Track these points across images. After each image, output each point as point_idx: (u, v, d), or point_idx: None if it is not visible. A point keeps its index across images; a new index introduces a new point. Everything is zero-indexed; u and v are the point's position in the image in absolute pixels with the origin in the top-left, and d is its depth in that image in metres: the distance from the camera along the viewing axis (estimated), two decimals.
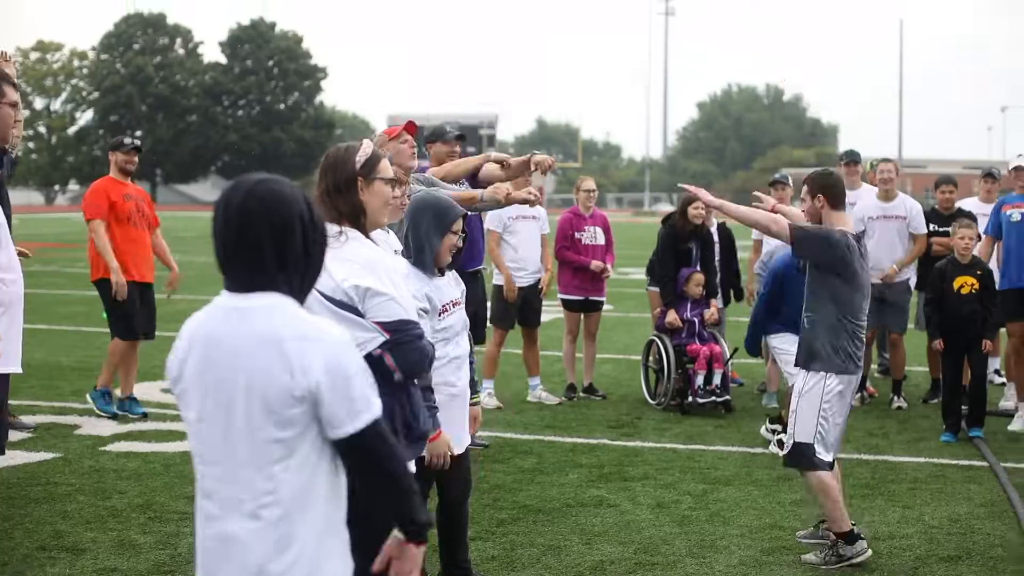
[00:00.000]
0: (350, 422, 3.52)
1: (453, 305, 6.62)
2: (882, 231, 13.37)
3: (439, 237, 6.46)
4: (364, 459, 3.59)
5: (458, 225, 6.54)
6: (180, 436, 11.20)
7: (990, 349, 11.94)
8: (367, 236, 5.35)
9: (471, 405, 7.00)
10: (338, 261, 5.07)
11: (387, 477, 3.61)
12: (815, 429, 7.84)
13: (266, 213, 3.55)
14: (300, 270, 3.61)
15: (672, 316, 13.23)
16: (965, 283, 11.71)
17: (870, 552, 7.88)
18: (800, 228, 7.88)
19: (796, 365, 8.09)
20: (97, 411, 12.09)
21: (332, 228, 5.12)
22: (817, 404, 7.83)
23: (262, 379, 3.49)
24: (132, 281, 11.92)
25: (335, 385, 3.49)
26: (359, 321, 5.13)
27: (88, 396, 12.33)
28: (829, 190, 8.03)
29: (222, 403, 3.54)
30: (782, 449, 11.22)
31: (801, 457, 7.90)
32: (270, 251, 3.55)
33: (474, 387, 7.06)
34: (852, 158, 14.28)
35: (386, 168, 5.44)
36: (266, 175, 3.66)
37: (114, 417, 12.04)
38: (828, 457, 7.93)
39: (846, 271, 7.80)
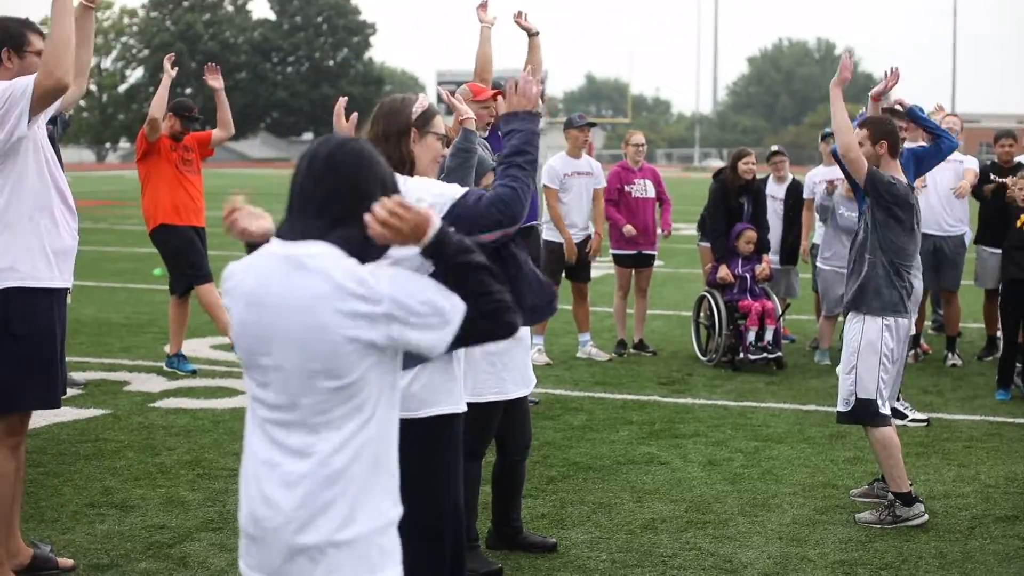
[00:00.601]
0: (443, 328, 3.45)
1: None
2: (941, 178, 13.12)
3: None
4: (464, 281, 3.50)
5: (488, 179, 6.40)
6: (229, 393, 11.21)
7: None
8: None
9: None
10: None
11: (480, 290, 3.51)
12: (877, 384, 7.75)
13: (352, 167, 3.53)
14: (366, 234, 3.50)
15: (724, 271, 13.12)
16: None
17: (927, 516, 7.76)
18: (867, 166, 7.82)
19: (849, 308, 7.96)
20: (181, 373, 12.11)
21: None
22: (877, 358, 7.75)
23: (320, 332, 3.40)
24: (191, 225, 11.96)
25: (408, 322, 3.42)
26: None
27: (164, 365, 12.34)
28: (892, 137, 8.00)
29: (279, 356, 3.47)
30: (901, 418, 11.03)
31: (864, 413, 7.81)
32: (348, 203, 3.50)
33: None
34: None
35: (440, 124, 5.36)
36: (354, 136, 3.65)
37: (193, 373, 12.11)
38: (886, 410, 7.84)
39: (909, 217, 7.75)
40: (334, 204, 3.50)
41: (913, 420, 10.59)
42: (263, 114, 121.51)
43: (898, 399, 11.28)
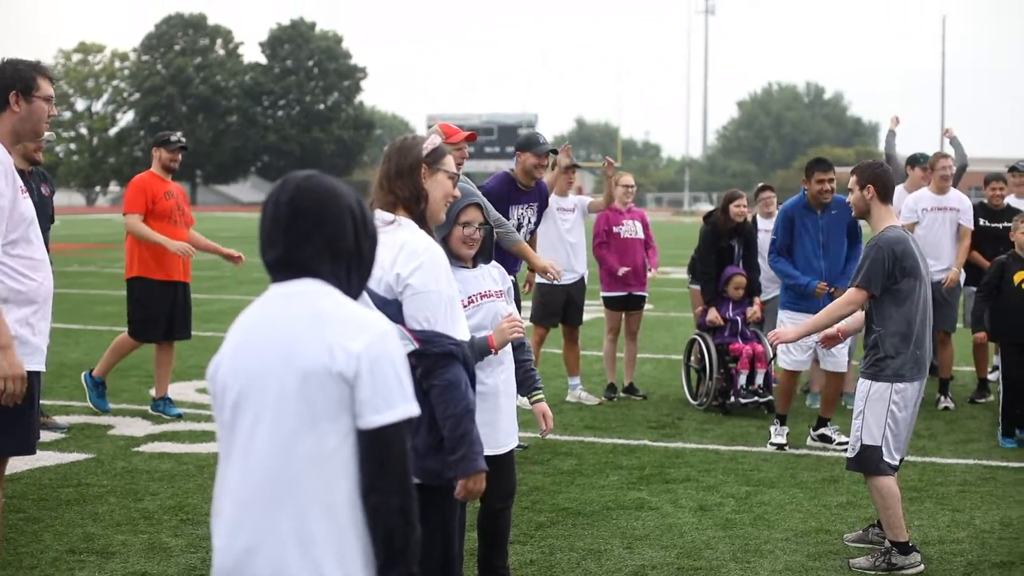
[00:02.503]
0: (385, 410, 3.35)
1: (481, 298, 6.40)
2: (935, 223, 13.25)
3: (445, 228, 6.22)
4: (383, 458, 3.37)
5: (468, 215, 6.29)
6: (215, 437, 11.07)
7: None
8: (422, 226, 5.22)
9: (535, 403, 6.81)
10: (386, 247, 4.95)
11: (398, 488, 3.39)
12: (883, 432, 7.66)
13: (316, 208, 3.46)
14: (352, 266, 3.50)
15: (713, 314, 13.04)
16: None
17: (923, 567, 7.66)
18: (859, 279, 7.75)
19: (863, 376, 7.88)
20: (166, 417, 11.98)
21: (386, 216, 5.15)
22: (884, 409, 7.66)
23: (299, 356, 3.34)
24: (168, 281, 11.80)
25: (375, 367, 3.34)
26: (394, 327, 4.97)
27: (82, 377, 12.23)
28: (879, 180, 7.93)
29: (255, 385, 3.39)
30: (829, 442, 11.08)
31: (868, 462, 7.72)
32: (320, 247, 3.44)
33: (533, 384, 6.84)
34: (927, 160, 13.99)
35: (450, 163, 5.44)
36: (314, 171, 3.57)
37: (179, 417, 11.98)
38: (895, 460, 7.75)
39: (912, 287, 7.68)
40: (307, 244, 3.44)
41: (839, 444, 10.79)
42: (253, 158, 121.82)
43: (826, 424, 11.24)
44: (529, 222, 10.27)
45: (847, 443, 10.33)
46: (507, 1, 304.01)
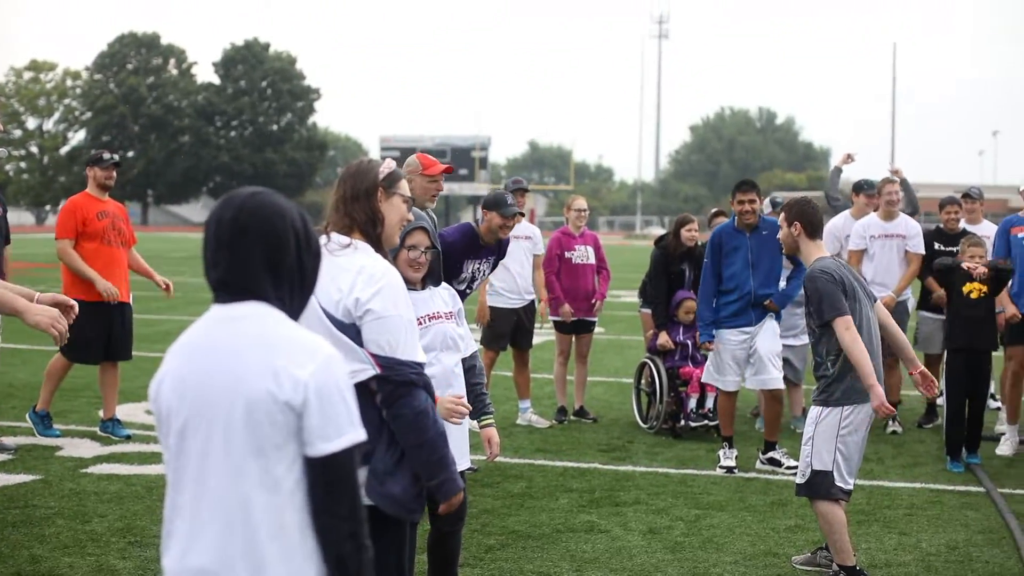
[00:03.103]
0: (334, 438, 3.33)
1: (430, 319, 6.41)
2: (883, 249, 13.34)
3: (392, 250, 6.23)
4: (334, 485, 3.38)
5: (414, 239, 6.31)
6: (163, 458, 11.01)
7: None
8: (378, 249, 5.22)
9: (483, 427, 6.82)
10: (343, 271, 4.99)
11: (349, 514, 3.40)
12: (833, 456, 7.68)
13: (259, 226, 3.41)
14: (294, 285, 3.47)
15: (664, 338, 13.09)
16: (974, 288, 11.57)
17: None
18: (827, 313, 7.69)
19: (815, 403, 7.90)
20: (37, 435, 11.90)
21: (342, 239, 5.12)
22: (834, 433, 7.69)
23: (245, 383, 3.31)
24: (103, 302, 11.71)
25: (322, 395, 3.32)
26: (354, 349, 4.97)
27: (27, 417, 12.15)
28: (804, 217, 7.99)
29: (201, 412, 3.36)
30: (778, 466, 11.14)
31: (819, 487, 7.73)
32: (263, 266, 3.41)
33: (483, 408, 6.85)
34: (872, 188, 14.10)
35: (405, 187, 5.46)
36: (258, 188, 3.53)
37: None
38: (848, 485, 7.78)
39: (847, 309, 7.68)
40: (250, 264, 3.41)
41: (788, 468, 10.86)
42: (206, 178, 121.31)
43: (774, 447, 11.30)
44: (482, 274, 10.23)
45: (796, 467, 10.44)
46: (461, 23, 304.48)
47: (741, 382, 11.53)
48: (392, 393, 5.01)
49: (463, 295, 8.77)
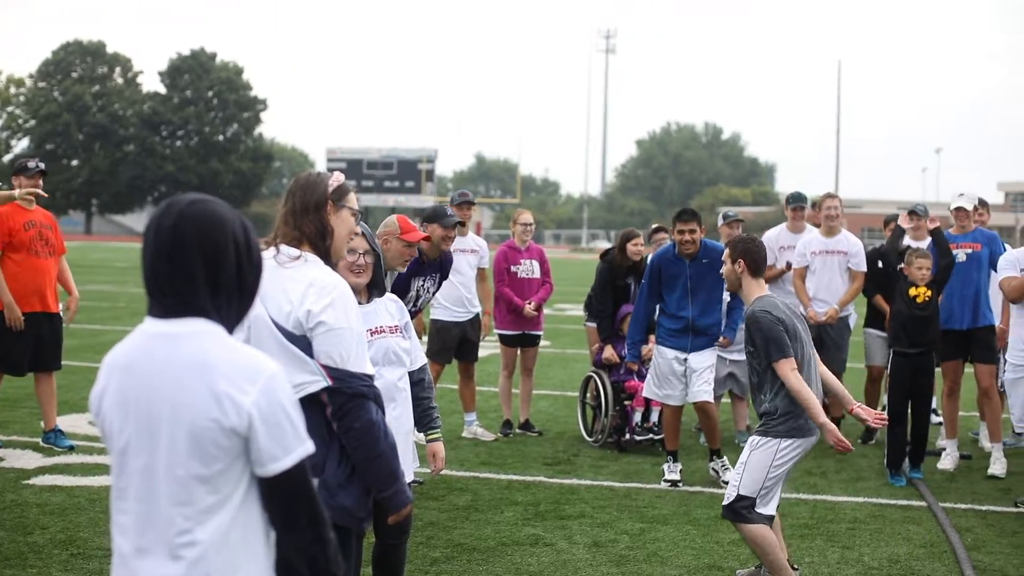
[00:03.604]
0: (283, 457, 3.33)
1: (373, 334, 6.40)
2: (824, 266, 13.43)
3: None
4: (290, 498, 3.39)
5: (352, 243, 6.30)
6: (107, 470, 10.95)
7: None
8: (327, 262, 5.21)
9: (430, 441, 6.82)
10: (294, 282, 4.97)
11: (310, 521, 3.42)
12: (761, 485, 7.71)
13: (199, 235, 3.36)
14: (232, 296, 3.42)
15: (609, 351, 13.13)
16: (919, 293, 11.68)
17: None
18: (773, 353, 7.70)
19: (756, 431, 7.92)
20: (58, 449, 11.85)
21: (292, 251, 5.11)
22: (769, 462, 7.70)
23: (188, 408, 3.29)
24: (33, 312, 11.62)
25: (268, 418, 3.31)
26: (305, 360, 4.96)
27: (41, 441, 12.07)
28: (750, 256, 7.96)
29: (144, 434, 3.34)
30: (724, 476, 11.19)
31: (741, 511, 7.75)
32: (201, 276, 3.35)
33: (430, 421, 6.85)
34: (799, 201, 14.22)
35: (354, 200, 5.43)
36: (199, 195, 3.48)
37: (71, 449, 11.86)
38: (767, 511, 7.79)
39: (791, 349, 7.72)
40: (190, 281, 3.36)
41: (724, 482, 10.87)
42: (151, 187, 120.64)
43: (719, 454, 11.36)
44: (428, 292, 10.19)
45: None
46: (408, 35, 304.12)
47: (685, 395, 11.55)
48: (343, 406, 5.01)
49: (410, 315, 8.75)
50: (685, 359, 11.35)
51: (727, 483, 10.77)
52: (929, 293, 11.71)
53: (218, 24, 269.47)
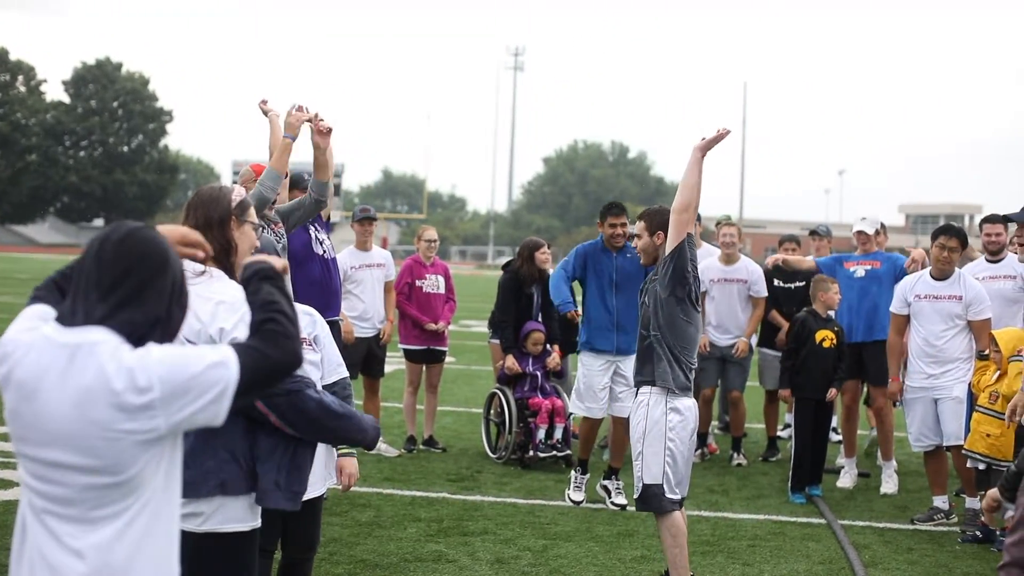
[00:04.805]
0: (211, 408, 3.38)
1: None
2: (723, 294, 13.55)
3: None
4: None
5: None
6: (3, 484, 10.80)
7: (834, 397, 12.03)
8: (232, 277, 5.18)
9: (340, 456, 6.80)
10: (202, 300, 4.92)
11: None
12: (662, 468, 7.75)
13: (141, 255, 3.40)
14: (156, 331, 3.43)
15: (511, 360, 13.15)
16: (826, 337, 11.82)
17: None
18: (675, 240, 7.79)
19: (637, 385, 7.98)
20: None
21: (196, 266, 4.97)
22: (662, 442, 7.75)
23: (94, 423, 3.27)
24: None
25: (175, 385, 3.30)
26: None
27: None
28: (668, 228, 7.95)
29: (56, 443, 3.31)
30: (607, 495, 11.24)
31: (651, 499, 7.80)
32: (133, 308, 3.38)
33: None
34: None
35: (254, 215, 5.42)
36: (142, 227, 3.49)
37: None
38: (677, 496, 7.84)
39: (691, 302, 7.83)
40: (119, 288, 3.37)
41: (614, 503, 11.04)
42: (53, 198, 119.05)
43: (615, 475, 11.41)
44: (327, 240, 10.35)
45: (622, 504, 10.65)
46: (314, 49, 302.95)
47: (607, 408, 11.55)
48: (286, 403, 5.04)
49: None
50: (613, 367, 11.37)
51: (616, 504, 10.89)
52: (835, 339, 11.85)
53: (124, 34, 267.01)
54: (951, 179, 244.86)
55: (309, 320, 6.51)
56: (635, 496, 7.98)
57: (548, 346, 13.40)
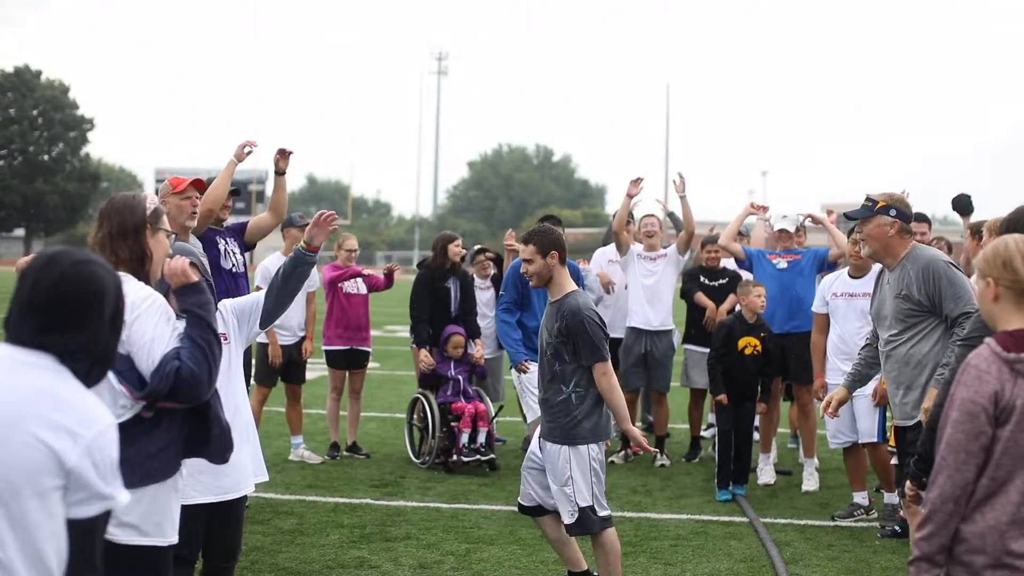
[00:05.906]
0: (97, 503, 3.32)
1: None
2: (648, 272, 13.71)
3: (163, 287, 6.14)
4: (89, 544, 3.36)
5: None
6: None
7: (764, 411, 12.15)
8: (148, 284, 5.16)
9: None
10: None
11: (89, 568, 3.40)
12: (591, 490, 7.75)
13: (78, 299, 3.39)
14: (94, 361, 3.44)
15: (424, 354, 13.13)
16: (749, 344, 11.90)
17: None
18: (594, 355, 7.74)
19: (558, 442, 7.86)
20: None
21: None
22: (587, 470, 7.73)
23: (20, 444, 3.24)
24: None
25: (97, 462, 3.29)
26: (118, 391, 4.94)
27: None
28: (560, 246, 7.91)
29: None
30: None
31: (590, 521, 7.76)
32: (69, 339, 3.38)
33: None
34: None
35: (167, 221, 5.42)
36: (85, 257, 3.47)
37: None
38: (606, 511, 7.84)
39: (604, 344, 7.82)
40: (55, 330, 3.37)
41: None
42: None
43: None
44: (235, 253, 10.32)
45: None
46: (238, 54, 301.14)
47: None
48: (173, 387, 4.98)
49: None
50: None
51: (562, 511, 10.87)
52: (759, 347, 11.93)
53: (43, 42, 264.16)
54: (872, 178, 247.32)
55: (223, 315, 6.42)
56: (569, 522, 7.81)
57: (472, 342, 13.41)
